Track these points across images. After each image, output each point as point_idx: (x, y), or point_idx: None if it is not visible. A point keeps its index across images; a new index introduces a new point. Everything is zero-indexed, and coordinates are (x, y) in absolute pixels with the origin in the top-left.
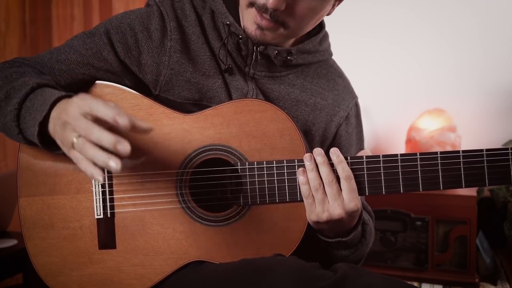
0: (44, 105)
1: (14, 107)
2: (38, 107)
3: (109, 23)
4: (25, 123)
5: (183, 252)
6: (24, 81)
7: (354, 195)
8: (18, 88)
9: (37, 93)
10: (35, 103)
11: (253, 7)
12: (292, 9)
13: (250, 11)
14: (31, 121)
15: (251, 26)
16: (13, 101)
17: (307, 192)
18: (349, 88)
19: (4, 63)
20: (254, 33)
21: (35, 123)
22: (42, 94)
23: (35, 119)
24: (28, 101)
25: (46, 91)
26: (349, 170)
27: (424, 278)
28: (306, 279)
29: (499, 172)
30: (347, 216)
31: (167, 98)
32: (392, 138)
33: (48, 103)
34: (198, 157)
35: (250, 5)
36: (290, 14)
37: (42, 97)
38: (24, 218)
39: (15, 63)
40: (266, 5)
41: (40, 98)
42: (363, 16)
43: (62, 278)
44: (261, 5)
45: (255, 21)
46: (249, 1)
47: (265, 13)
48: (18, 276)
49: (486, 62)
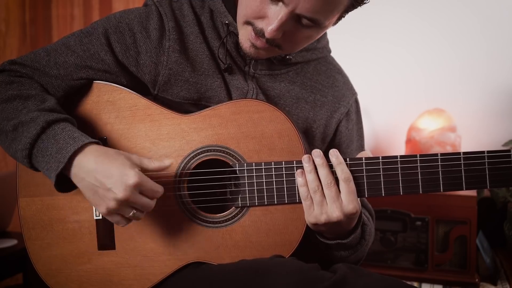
0: (60, 154)
1: (25, 146)
2: (53, 153)
3: (107, 22)
4: (37, 162)
5: (182, 254)
6: (32, 118)
7: (353, 197)
8: (26, 123)
9: (49, 135)
10: (48, 146)
11: (250, 26)
12: (289, 37)
13: (246, 28)
14: (45, 166)
15: (246, 42)
16: (24, 140)
17: (305, 194)
18: (348, 84)
19: (1, 80)
20: (248, 49)
21: (51, 172)
22: (55, 138)
23: (51, 168)
24: (40, 142)
25: (58, 134)
26: (348, 172)
27: (424, 278)
28: (305, 280)
29: (501, 174)
30: (345, 219)
31: (166, 98)
32: (392, 138)
33: (65, 154)
34: (196, 158)
35: (246, 23)
36: (286, 40)
37: (56, 141)
38: (23, 218)
39: (11, 76)
40: (263, 32)
41: (54, 142)
42: (363, 16)
43: (61, 278)
44: (258, 30)
45: (249, 39)
46: (246, 21)
47: (262, 37)
48: (18, 276)
49: (486, 62)
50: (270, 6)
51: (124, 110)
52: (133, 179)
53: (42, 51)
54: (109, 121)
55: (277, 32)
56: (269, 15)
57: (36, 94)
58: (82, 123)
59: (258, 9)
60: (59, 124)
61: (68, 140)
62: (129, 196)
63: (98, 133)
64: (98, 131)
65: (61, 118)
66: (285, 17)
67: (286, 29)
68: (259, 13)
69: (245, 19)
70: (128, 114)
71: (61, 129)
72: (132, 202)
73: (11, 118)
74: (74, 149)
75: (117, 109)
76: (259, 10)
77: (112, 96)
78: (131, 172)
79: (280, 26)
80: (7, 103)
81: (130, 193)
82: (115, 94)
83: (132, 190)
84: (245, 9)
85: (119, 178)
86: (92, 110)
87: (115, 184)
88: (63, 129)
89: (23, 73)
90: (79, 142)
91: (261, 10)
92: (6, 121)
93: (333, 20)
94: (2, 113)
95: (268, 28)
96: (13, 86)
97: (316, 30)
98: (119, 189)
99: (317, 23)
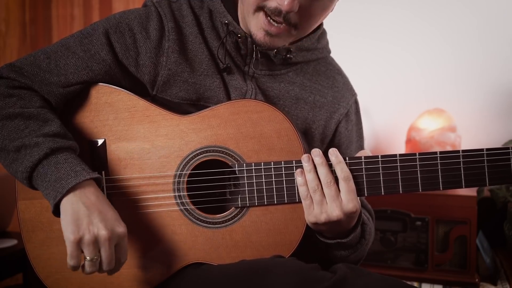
0: (58, 183)
1: (25, 169)
2: (51, 181)
3: (107, 23)
4: (37, 184)
5: (182, 254)
6: (37, 142)
7: (353, 196)
8: (30, 147)
9: (50, 161)
10: (48, 173)
11: (261, 12)
12: (304, 10)
13: (258, 16)
14: (44, 191)
15: (259, 32)
16: (25, 163)
17: (305, 193)
18: (348, 85)
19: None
20: (263, 39)
21: (49, 198)
22: (57, 166)
23: (49, 195)
24: (41, 167)
25: (60, 163)
26: (347, 171)
27: (424, 278)
28: (305, 280)
29: (500, 171)
30: (345, 218)
31: (164, 98)
32: (392, 138)
33: (65, 186)
34: (195, 158)
35: (258, 10)
36: (302, 14)
37: (56, 170)
38: (23, 221)
39: (10, 87)
40: (279, 8)
41: (55, 170)
42: (363, 16)
43: (62, 280)
44: (273, 9)
45: (263, 27)
46: (257, 5)
47: (277, 16)
48: (18, 276)
49: (486, 62)
50: None
51: (123, 111)
52: (122, 229)
53: (42, 54)
54: (108, 122)
55: (295, 2)
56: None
57: (38, 113)
58: (80, 125)
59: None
60: (62, 152)
61: (69, 172)
62: (110, 238)
63: (97, 134)
64: (96, 133)
65: (64, 146)
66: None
67: (301, 2)
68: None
69: (256, 4)
70: (126, 115)
71: (63, 159)
72: (105, 246)
73: (14, 138)
74: (74, 182)
75: (115, 110)
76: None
77: (110, 97)
78: (123, 224)
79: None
80: (8, 121)
81: (112, 237)
82: (114, 96)
83: (115, 236)
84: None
85: (112, 220)
86: (90, 111)
87: (106, 221)
88: (66, 160)
89: (22, 83)
90: (80, 177)
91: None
92: (8, 141)
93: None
94: (3, 131)
95: (285, 1)
96: (12, 100)
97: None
98: (106, 227)
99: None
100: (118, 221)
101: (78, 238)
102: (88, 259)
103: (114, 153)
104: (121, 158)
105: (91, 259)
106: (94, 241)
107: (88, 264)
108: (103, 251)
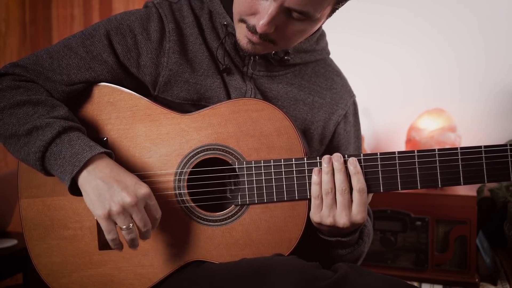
0: (75, 158)
1: (39, 149)
2: (67, 157)
3: (108, 24)
4: (50, 165)
5: (182, 253)
6: (48, 123)
7: (363, 209)
8: (42, 128)
9: (63, 139)
10: (62, 150)
11: (244, 23)
12: (281, 31)
13: (241, 25)
14: (59, 169)
15: (243, 39)
16: (38, 143)
17: (317, 193)
18: (347, 86)
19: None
20: (245, 46)
21: (65, 175)
22: (71, 143)
23: (65, 171)
24: (54, 146)
25: (74, 140)
26: (364, 183)
27: (424, 278)
28: (306, 279)
29: (498, 168)
30: (351, 226)
31: (166, 99)
32: (392, 138)
33: (81, 159)
34: (196, 157)
35: (241, 21)
36: (279, 35)
37: (71, 146)
38: (25, 219)
39: (16, 80)
40: (255, 28)
41: (69, 147)
42: (363, 16)
43: (63, 278)
44: (251, 26)
45: (246, 36)
46: (240, 18)
47: (255, 33)
48: (18, 276)
49: (486, 62)
50: (261, 1)
51: (125, 110)
52: (145, 189)
53: (44, 53)
54: (110, 121)
55: (268, 26)
56: (260, 11)
57: (46, 99)
58: (83, 124)
59: (250, 5)
60: (74, 131)
61: (84, 147)
62: (136, 203)
63: (99, 133)
64: (99, 132)
65: (75, 126)
66: (274, 11)
67: (278, 24)
68: (250, 10)
69: (239, 16)
70: (128, 114)
71: (76, 136)
72: (135, 211)
73: (23, 123)
74: (91, 155)
75: (117, 109)
76: (250, 6)
77: (112, 97)
78: (144, 184)
79: (271, 20)
80: (17, 108)
81: (138, 201)
82: (116, 95)
83: (141, 199)
84: (238, 7)
85: (132, 185)
86: (93, 111)
87: (127, 189)
88: (79, 137)
89: (28, 77)
90: (95, 150)
91: (252, 6)
92: (18, 126)
93: (326, 12)
94: (12, 118)
95: (260, 22)
96: (20, 91)
97: (309, 24)
98: (129, 193)
99: (308, 16)
100: (138, 184)
101: (106, 213)
102: (124, 228)
103: (115, 152)
104: (123, 157)
105: (126, 227)
106: (122, 210)
107: (125, 233)
108: (135, 216)
